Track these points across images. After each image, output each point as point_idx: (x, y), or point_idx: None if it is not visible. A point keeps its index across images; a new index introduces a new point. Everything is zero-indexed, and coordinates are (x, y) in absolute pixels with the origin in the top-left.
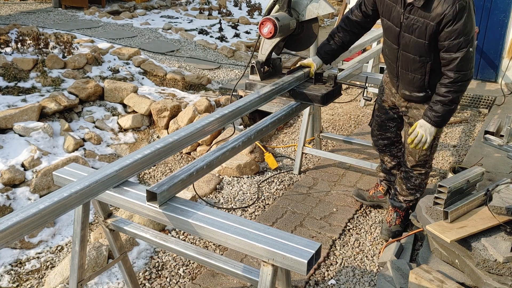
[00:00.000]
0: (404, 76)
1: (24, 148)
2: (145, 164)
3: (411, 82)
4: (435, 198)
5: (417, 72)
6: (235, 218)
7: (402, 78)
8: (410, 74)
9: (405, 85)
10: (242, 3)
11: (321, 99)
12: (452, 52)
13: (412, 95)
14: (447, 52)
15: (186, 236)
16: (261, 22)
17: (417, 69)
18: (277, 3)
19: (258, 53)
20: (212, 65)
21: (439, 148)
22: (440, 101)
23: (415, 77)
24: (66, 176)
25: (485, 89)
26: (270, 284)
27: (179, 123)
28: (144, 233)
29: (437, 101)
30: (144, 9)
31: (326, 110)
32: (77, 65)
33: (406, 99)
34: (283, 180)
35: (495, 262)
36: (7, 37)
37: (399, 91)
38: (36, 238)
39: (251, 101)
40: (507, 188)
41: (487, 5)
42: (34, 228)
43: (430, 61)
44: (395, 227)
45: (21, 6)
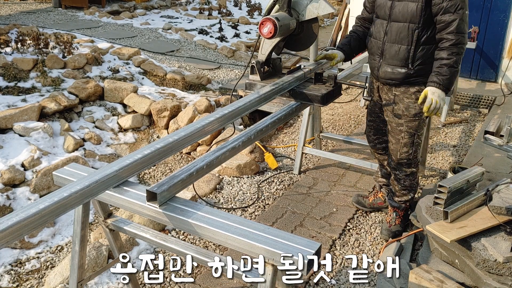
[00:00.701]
0: (389, 50)
1: (24, 148)
2: (145, 164)
3: (395, 55)
4: (435, 198)
5: (403, 41)
6: (235, 218)
7: (386, 53)
8: (396, 46)
9: (389, 60)
10: (242, 3)
11: (321, 99)
12: (450, 12)
13: (394, 72)
14: (445, 13)
15: (186, 236)
16: (261, 22)
17: (404, 38)
18: (277, 3)
19: (258, 53)
20: (212, 65)
21: (439, 148)
22: (445, 64)
23: (401, 48)
24: (66, 176)
25: (485, 89)
26: (270, 284)
27: (179, 123)
28: (144, 233)
29: (442, 65)
30: (144, 9)
31: (326, 110)
32: (77, 65)
33: (387, 82)
34: (283, 180)
35: (495, 262)
36: (7, 37)
37: (380, 71)
38: (36, 238)
39: (251, 101)
40: (507, 188)
41: (487, 5)
42: (34, 228)
43: (418, 29)
44: (395, 227)
45: (21, 6)
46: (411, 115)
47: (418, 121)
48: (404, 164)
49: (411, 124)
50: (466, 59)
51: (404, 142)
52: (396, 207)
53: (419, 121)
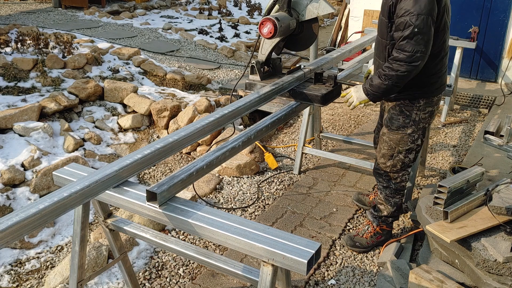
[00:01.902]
0: (375, 63)
1: (24, 148)
2: (145, 164)
3: (377, 69)
4: (435, 198)
5: (380, 57)
6: (235, 218)
7: (374, 66)
8: (377, 60)
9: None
10: (242, 3)
11: (321, 99)
12: (399, 30)
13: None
14: (395, 30)
15: (186, 236)
16: (261, 22)
17: (380, 53)
18: (277, 3)
19: (258, 53)
20: (212, 65)
21: (439, 148)
22: (377, 73)
23: (379, 63)
24: (66, 176)
25: (485, 89)
26: (270, 284)
27: (179, 123)
28: (144, 233)
29: (376, 73)
30: (144, 9)
31: (326, 110)
32: (77, 65)
33: None
34: (283, 180)
35: (495, 262)
36: (7, 37)
37: None
38: (36, 238)
39: (251, 101)
40: (507, 188)
41: (487, 5)
42: (34, 228)
43: (388, 44)
44: (359, 238)
45: (21, 6)
46: (394, 127)
47: (400, 135)
48: (380, 174)
49: (392, 136)
50: (466, 59)
51: (383, 152)
52: (371, 221)
53: (402, 135)
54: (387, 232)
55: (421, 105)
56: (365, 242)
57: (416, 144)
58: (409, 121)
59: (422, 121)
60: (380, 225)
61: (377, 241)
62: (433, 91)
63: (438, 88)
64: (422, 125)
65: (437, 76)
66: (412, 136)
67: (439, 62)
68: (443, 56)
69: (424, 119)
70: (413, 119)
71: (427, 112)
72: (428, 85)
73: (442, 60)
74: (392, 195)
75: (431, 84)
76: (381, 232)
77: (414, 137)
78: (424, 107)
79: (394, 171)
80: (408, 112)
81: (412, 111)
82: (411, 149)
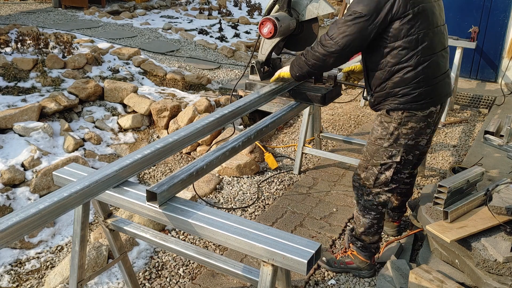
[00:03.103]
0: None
1: (24, 148)
2: (145, 164)
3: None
4: (435, 198)
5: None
6: (235, 218)
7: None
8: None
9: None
10: (242, 3)
11: (321, 99)
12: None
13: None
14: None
15: (186, 236)
16: (261, 22)
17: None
18: (277, 3)
19: (258, 53)
20: (212, 65)
21: (439, 148)
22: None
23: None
24: (66, 176)
25: (485, 89)
26: (270, 284)
27: (179, 123)
28: (144, 233)
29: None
30: (144, 9)
31: (326, 110)
32: (77, 65)
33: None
34: (283, 180)
35: (495, 262)
36: (7, 37)
37: None
38: (36, 238)
39: (251, 101)
40: (507, 188)
41: (487, 5)
42: (34, 228)
43: (365, 55)
44: (330, 258)
45: (21, 6)
46: (372, 137)
47: (376, 147)
48: (355, 186)
49: (369, 147)
50: (466, 59)
51: (359, 163)
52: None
53: (378, 147)
54: (360, 262)
55: (401, 118)
56: (333, 261)
57: (394, 161)
58: (386, 133)
59: (403, 136)
60: (351, 247)
61: (346, 266)
62: (413, 104)
63: (421, 102)
64: (404, 142)
65: (415, 87)
66: (389, 150)
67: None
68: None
69: (406, 135)
70: (390, 133)
71: (409, 128)
72: (403, 95)
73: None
74: (362, 213)
75: (408, 95)
76: (352, 258)
77: (391, 152)
78: (405, 121)
79: (367, 185)
80: (387, 124)
81: (390, 124)
82: (388, 165)
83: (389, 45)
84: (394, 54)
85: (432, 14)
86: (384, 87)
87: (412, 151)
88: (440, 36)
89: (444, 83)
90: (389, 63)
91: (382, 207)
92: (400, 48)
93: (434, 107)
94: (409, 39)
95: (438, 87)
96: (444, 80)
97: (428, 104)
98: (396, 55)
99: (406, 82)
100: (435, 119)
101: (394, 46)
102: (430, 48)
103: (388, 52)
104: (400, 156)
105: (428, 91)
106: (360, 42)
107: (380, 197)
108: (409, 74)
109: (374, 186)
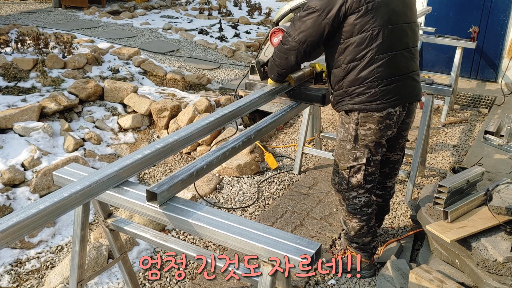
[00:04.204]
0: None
1: (24, 148)
2: (146, 164)
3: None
4: (435, 198)
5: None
6: (235, 218)
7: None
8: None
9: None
10: (242, 3)
11: (321, 99)
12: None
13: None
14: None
15: (186, 236)
16: (273, 31)
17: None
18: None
19: (258, 52)
20: (212, 65)
21: (439, 148)
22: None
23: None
24: (66, 176)
25: (485, 89)
26: (270, 284)
27: (179, 123)
28: (144, 233)
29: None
30: (144, 9)
31: (326, 110)
32: (77, 65)
33: None
34: (283, 180)
35: (495, 262)
36: (7, 37)
37: None
38: (36, 238)
39: (251, 101)
40: (507, 188)
41: (487, 5)
42: (35, 228)
43: (326, 51)
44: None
45: (21, 6)
46: (338, 139)
47: (341, 150)
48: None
49: (337, 150)
50: (466, 59)
51: (333, 167)
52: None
53: (343, 150)
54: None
55: (358, 118)
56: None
57: (361, 163)
58: (348, 135)
59: (364, 138)
60: (349, 249)
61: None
62: (368, 104)
63: (377, 102)
64: (365, 143)
65: (368, 87)
66: (353, 153)
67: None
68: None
69: (366, 136)
70: (350, 134)
71: (368, 129)
72: (358, 95)
73: (376, 68)
74: (348, 217)
75: (363, 95)
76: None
77: (355, 154)
78: (363, 122)
79: (342, 189)
80: (347, 125)
81: (350, 125)
82: (356, 168)
83: (345, 41)
84: (350, 50)
85: (390, 11)
86: (341, 85)
87: (377, 150)
88: (401, 34)
89: (404, 84)
90: (346, 59)
91: (366, 208)
92: (355, 44)
93: (392, 108)
94: (363, 36)
95: (396, 88)
96: (405, 81)
97: (385, 105)
98: (352, 51)
99: (360, 81)
100: (395, 121)
101: (349, 42)
102: (388, 46)
103: (344, 48)
104: (366, 157)
105: (385, 90)
106: (315, 37)
107: (360, 200)
108: (363, 73)
109: (349, 189)
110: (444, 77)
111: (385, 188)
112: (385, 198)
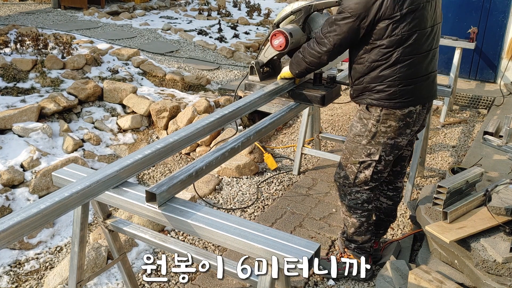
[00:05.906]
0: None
1: (23, 148)
2: (145, 164)
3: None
4: (434, 199)
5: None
6: (235, 219)
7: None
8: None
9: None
10: (241, 4)
11: (321, 99)
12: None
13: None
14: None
15: (185, 236)
16: (273, 33)
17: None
18: (294, 15)
19: (258, 53)
20: (211, 66)
21: (438, 149)
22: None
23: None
24: (65, 176)
25: (484, 89)
26: (269, 284)
27: (178, 124)
28: (143, 233)
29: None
30: (143, 9)
31: (326, 110)
32: (76, 66)
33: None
34: (282, 181)
35: (494, 263)
36: (6, 38)
37: None
38: (35, 238)
39: (250, 102)
40: (506, 188)
41: (486, 5)
42: (35, 228)
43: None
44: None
45: (20, 6)
46: (351, 134)
47: (355, 144)
48: (337, 186)
49: (348, 144)
50: (465, 60)
51: (339, 161)
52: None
53: (357, 145)
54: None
55: (380, 115)
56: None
57: (373, 159)
58: (365, 130)
59: (382, 135)
60: (347, 252)
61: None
62: (386, 102)
63: (396, 101)
64: (383, 140)
65: (389, 85)
66: (368, 148)
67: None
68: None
69: (385, 133)
70: (369, 130)
71: (388, 126)
72: (378, 92)
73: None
74: (349, 213)
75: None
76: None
77: (369, 150)
78: (384, 119)
79: (347, 184)
80: (366, 121)
81: (369, 121)
82: (366, 164)
83: (373, 43)
84: (376, 51)
85: (421, 16)
86: (362, 81)
87: (392, 151)
88: (429, 37)
89: (425, 84)
90: (370, 59)
91: (367, 204)
92: (383, 47)
93: (413, 107)
94: (392, 39)
95: (417, 88)
96: (426, 81)
97: (406, 103)
98: (378, 52)
99: (381, 79)
100: (415, 120)
101: (377, 44)
102: (413, 49)
103: (370, 49)
104: (379, 154)
105: (405, 91)
106: (350, 40)
107: (362, 195)
108: (385, 72)
109: (353, 185)
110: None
111: (396, 189)
112: (395, 201)
